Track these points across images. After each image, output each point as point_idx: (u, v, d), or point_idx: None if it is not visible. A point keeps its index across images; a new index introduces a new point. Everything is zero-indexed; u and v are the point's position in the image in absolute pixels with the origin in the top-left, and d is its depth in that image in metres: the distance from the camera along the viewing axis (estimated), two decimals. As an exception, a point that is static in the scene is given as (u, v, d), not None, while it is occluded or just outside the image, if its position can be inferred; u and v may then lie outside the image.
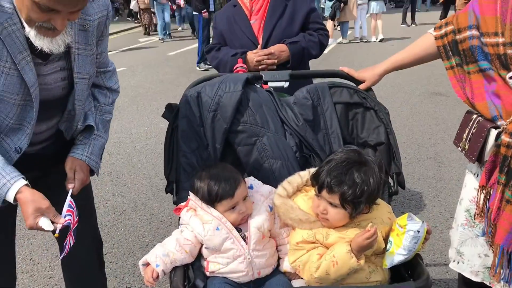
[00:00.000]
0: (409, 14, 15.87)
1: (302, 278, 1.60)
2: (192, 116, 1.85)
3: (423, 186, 4.08)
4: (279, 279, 1.63)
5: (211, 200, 1.59)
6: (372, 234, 1.41)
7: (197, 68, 9.76)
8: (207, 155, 1.85)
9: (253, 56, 2.55)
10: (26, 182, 1.46)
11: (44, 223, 1.43)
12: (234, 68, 2.16)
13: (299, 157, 1.84)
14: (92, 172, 1.78)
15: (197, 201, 1.64)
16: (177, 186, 1.85)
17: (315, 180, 1.55)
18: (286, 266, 1.64)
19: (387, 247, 1.51)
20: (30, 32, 1.41)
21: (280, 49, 2.56)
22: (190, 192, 1.66)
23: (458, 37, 1.72)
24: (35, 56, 1.49)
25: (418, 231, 1.46)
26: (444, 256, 3.01)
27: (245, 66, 2.16)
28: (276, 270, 1.66)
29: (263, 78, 2.05)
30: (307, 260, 1.52)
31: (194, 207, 1.65)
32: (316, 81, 2.22)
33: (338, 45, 12.31)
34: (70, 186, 1.65)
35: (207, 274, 1.62)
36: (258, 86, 1.99)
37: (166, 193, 1.89)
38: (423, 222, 1.50)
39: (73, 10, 1.37)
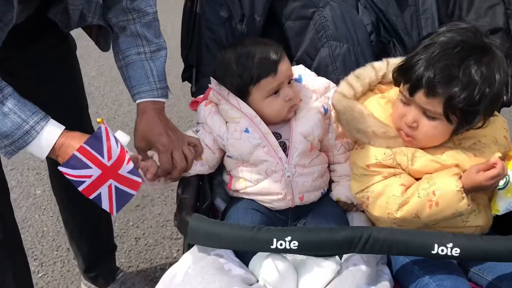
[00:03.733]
0: None
1: (362, 211, 1.20)
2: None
3: None
4: (329, 209, 1.22)
5: (243, 83, 1.16)
6: (500, 172, 0.99)
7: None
8: (242, 30, 1.38)
9: None
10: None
11: None
12: None
13: (374, 41, 1.36)
14: None
15: (221, 91, 1.20)
16: (198, 72, 1.41)
17: (404, 75, 1.06)
18: (340, 193, 1.24)
19: (501, 184, 1.06)
20: None
21: None
22: (211, 78, 1.22)
23: None
24: None
25: None
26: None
27: None
28: (326, 197, 1.26)
29: None
30: (383, 191, 1.08)
31: (216, 100, 1.22)
32: None
33: None
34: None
35: (230, 193, 1.25)
36: None
37: (183, 80, 1.45)
38: None
39: None
